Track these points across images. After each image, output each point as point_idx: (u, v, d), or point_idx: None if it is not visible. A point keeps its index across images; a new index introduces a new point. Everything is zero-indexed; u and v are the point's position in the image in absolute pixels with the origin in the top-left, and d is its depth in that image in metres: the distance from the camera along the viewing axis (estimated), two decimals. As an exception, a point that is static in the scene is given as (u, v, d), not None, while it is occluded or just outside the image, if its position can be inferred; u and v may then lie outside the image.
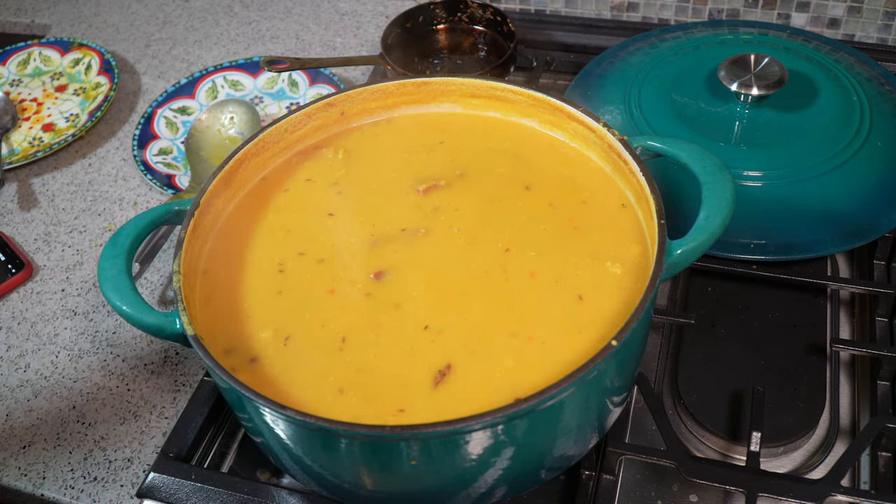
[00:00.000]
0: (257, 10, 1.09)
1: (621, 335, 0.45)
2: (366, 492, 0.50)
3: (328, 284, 0.54)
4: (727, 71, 0.72)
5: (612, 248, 0.54)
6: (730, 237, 0.66)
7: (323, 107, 0.63)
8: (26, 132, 0.92)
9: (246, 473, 0.62)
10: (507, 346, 0.49)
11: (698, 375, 0.62)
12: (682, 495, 0.58)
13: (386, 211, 0.58)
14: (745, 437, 0.58)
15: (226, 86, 0.94)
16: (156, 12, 1.11)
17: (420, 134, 0.65)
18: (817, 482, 0.53)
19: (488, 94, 0.64)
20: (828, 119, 0.71)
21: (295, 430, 0.45)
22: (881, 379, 0.61)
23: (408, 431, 0.42)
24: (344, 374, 0.49)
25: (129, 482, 0.61)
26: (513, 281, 0.53)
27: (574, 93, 0.82)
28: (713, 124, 0.72)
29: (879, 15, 0.88)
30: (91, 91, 0.95)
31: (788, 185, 0.68)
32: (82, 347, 0.70)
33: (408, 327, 0.51)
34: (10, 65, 1.00)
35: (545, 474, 0.52)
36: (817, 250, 0.65)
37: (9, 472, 0.62)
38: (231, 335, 0.51)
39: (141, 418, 0.65)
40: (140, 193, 0.84)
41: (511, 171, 0.60)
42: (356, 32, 1.03)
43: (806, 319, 0.65)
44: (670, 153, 0.56)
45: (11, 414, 0.66)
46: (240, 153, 0.59)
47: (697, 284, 0.68)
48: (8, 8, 1.14)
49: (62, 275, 0.77)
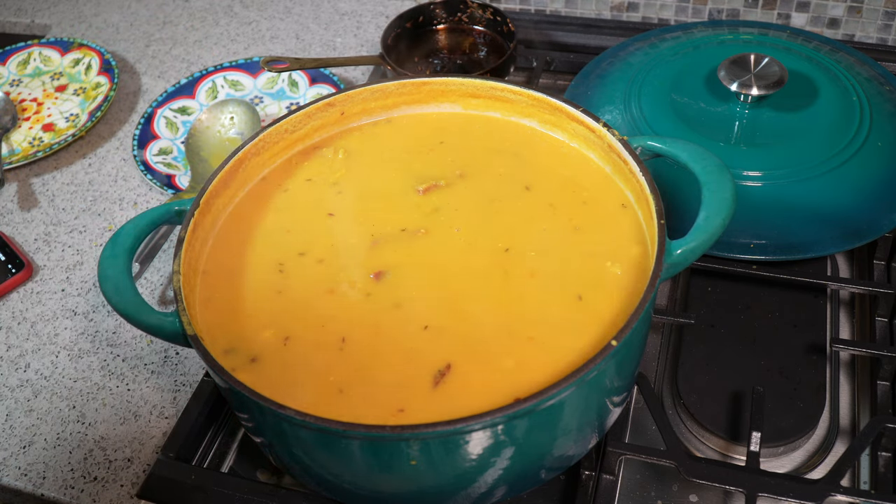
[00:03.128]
0: (257, 10, 1.09)
1: (621, 335, 0.45)
2: (366, 492, 0.50)
3: (328, 284, 0.54)
4: (727, 71, 0.72)
5: (612, 248, 0.54)
6: (730, 237, 0.66)
7: (323, 107, 0.63)
8: (26, 132, 0.92)
9: (246, 473, 0.62)
10: (507, 346, 0.49)
11: (698, 375, 0.62)
12: (681, 495, 0.58)
13: (386, 211, 0.58)
14: (745, 437, 0.58)
15: (226, 86, 0.94)
16: (156, 12, 1.11)
17: (420, 134, 0.65)
18: (817, 482, 0.53)
19: (488, 94, 0.64)
20: (828, 119, 0.71)
21: (295, 430, 0.45)
22: (881, 379, 0.61)
23: (408, 431, 0.42)
24: (344, 374, 0.49)
25: (129, 482, 0.61)
26: (513, 281, 0.53)
27: (574, 93, 0.82)
28: (713, 124, 0.72)
29: (879, 15, 0.88)
30: (91, 91, 0.95)
31: (788, 185, 0.68)
32: (82, 347, 0.70)
33: (408, 327, 0.51)
34: (10, 65, 1.00)
35: (545, 474, 0.52)
36: (817, 250, 0.65)
37: (9, 472, 0.62)
38: (231, 335, 0.51)
39: (141, 418, 0.65)
40: (140, 193, 0.84)
41: (511, 171, 0.60)
42: (356, 32, 1.03)
43: (806, 319, 0.65)
44: (670, 153, 0.56)
45: (11, 414, 0.66)
46: (240, 153, 0.59)
47: (697, 284, 0.68)
48: (8, 8, 1.14)
49: (62, 275, 0.77)
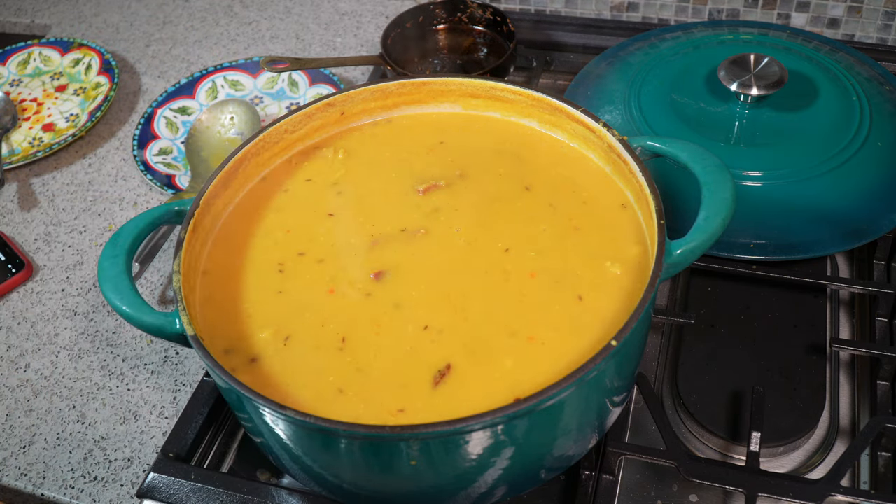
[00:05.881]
0: (257, 10, 1.09)
1: (621, 335, 0.45)
2: (365, 492, 0.50)
3: (328, 284, 0.54)
4: (727, 71, 0.72)
5: (612, 248, 0.54)
6: (730, 237, 0.66)
7: (323, 107, 0.63)
8: (26, 132, 0.92)
9: (246, 473, 0.62)
10: (507, 346, 0.49)
11: (698, 375, 0.62)
12: (681, 495, 0.58)
13: (386, 211, 0.58)
14: (745, 437, 0.58)
15: (226, 86, 0.94)
16: (156, 12, 1.11)
17: (420, 134, 0.65)
18: (817, 482, 0.53)
19: (488, 94, 0.64)
20: (828, 119, 0.71)
21: (295, 430, 0.45)
22: (881, 379, 0.61)
23: (408, 431, 0.42)
24: (344, 374, 0.49)
25: (129, 482, 0.61)
26: (513, 281, 0.53)
27: (574, 93, 0.82)
28: (713, 124, 0.72)
29: (879, 15, 0.88)
30: (91, 91, 0.95)
31: (788, 185, 0.68)
32: (82, 347, 0.70)
33: (408, 327, 0.51)
34: (10, 65, 1.00)
35: (545, 474, 0.52)
36: (817, 250, 0.65)
37: (9, 472, 0.62)
38: (231, 335, 0.51)
39: (141, 418, 0.65)
40: (140, 193, 0.84)
41: (511, 171, 0.60)
42: (356, 32, 1.03)
43: (806, 319, 0.65)
44: (670, 153, 0.56)
45: (11, 414, 0.66)
46: (240, 153, 0.59)
47: (697, 284, 0.68)
48: (8, 8, 1.14)
49: (62, 275, 0.77)
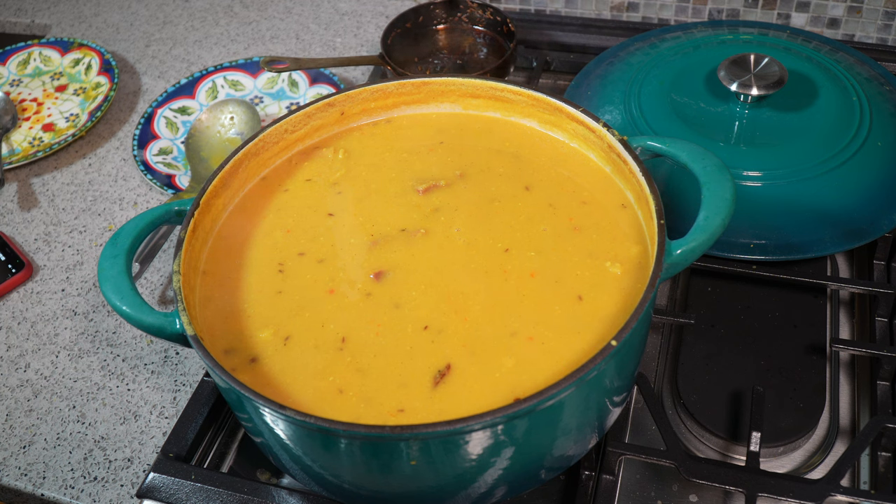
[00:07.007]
0: (257, 10, 1.09)
1: (621, 335, 0.45)
2: (366, 492, 0.50)
3: (328, 284, 0.54)
4: (727, 71, 0.72)
5: (612, 248, 0.54)
6: (730, 237, 0.66)
7: (323, 107, 0.63)
8: (26, 132, 0.92)
9: (246, 473, 0.62)
10: (507, 346, 0.49)
11: (698, 375, 0.62)
12: (681, 495, 0.58)
13: (386, 211, 0.58)
14: (745, 437, 0.58)
15: (226, 86, 0.94)
16: (156, 12, 1.11)
17: (420, 134, 0.65)
18: (817, 482, 0.53)
19: (488, 94, 0.64)
20: (828, 119, 0.71)
21: (295, 430, 0.45)
22: (881, 379, 0.61)
23: (408, 431, 0.42)
24: (344, 374, 0.49)
25: (129, 482, 0.61)
26: (513, 281, 0.53)
27: (574, 93, 0.82)
28: (713, 124, 0.72)
29: (879, 15, 0.88)
30: (91, 91, 0.95)
31: (788, 185, 0.68)
32: (82, 347, 0.70)
33: (408, 327, 0.51)
34: (10, 65, 1.00)
35: (545, 474, 0.52)
36: (817, 250, 0.65)
37: (9, 472, 0.62)
38: (231, 335, 0.51)
39: (141, 418, 0.65)
40: (140, 193, 0.84)
41: (511, 171, 0.60)
42: (356, 32, 1.03)
43: (806, 319, 0.65)
44: (670, 153, 0.56)
45: (11, 414, 0.66)
46: (240, 153, 0.59)
47: (697, 284, 0.68)
48: (8, 8, 1.14)
49: (62, 275, 0.77)
